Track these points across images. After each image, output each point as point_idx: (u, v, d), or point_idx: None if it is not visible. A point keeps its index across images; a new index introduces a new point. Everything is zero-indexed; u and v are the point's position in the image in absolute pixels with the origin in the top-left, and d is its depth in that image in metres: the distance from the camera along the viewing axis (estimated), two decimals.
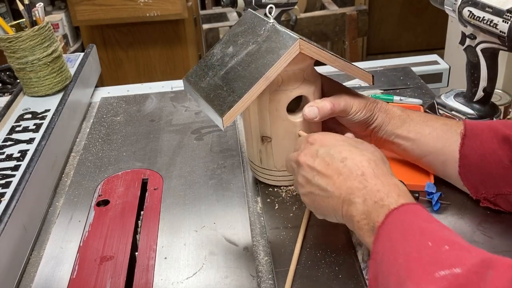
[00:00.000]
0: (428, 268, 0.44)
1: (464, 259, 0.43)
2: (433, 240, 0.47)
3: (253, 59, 0.70)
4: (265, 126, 0.74)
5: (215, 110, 0.68)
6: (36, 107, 0.99)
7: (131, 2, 2.09)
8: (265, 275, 0.66)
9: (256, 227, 0.74)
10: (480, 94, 0.86)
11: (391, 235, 0.50)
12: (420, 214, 0.52)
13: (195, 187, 0.83)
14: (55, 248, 0.72)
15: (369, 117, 0.73)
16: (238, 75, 0.69)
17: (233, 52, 0.73)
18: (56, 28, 2.25)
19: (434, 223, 0.51)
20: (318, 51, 0.69)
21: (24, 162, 0.80)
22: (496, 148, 0.68)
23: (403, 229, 0.50)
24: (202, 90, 0.72)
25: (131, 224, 0.75)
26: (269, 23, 0.72)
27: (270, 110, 0.72)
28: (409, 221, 0.50)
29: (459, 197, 0.76)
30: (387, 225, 0.51)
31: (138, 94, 1.15)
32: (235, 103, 0.66)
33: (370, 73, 0.73)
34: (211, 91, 0.71)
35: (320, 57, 0.70)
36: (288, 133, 0.74)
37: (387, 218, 0.52)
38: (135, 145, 0.96)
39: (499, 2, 0.74)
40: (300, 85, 0.72)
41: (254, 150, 0.79)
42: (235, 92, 0.67)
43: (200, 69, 0.76)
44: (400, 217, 0.51)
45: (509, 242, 0.68)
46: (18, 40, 0.96)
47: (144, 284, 0.65)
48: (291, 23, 1.81)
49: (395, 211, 0.52)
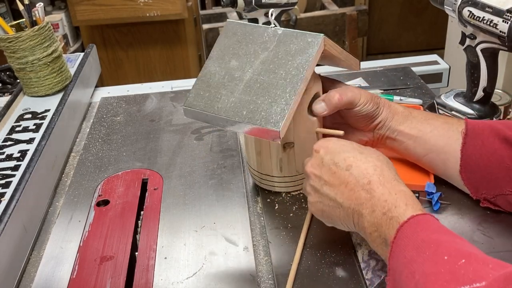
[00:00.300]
0: (447, 284, 0.43)
1: (484, 273, 0.42)
2: (449, 254, 0.46)
3: (277, 65, 0.68)
4: (288, 132, 0.70)
5: (262, 124, 0.65)
6: (36, 107, 0.99)
7: (131, 2, 2.09)
8: (265, 275, 0.66)
9: (256, 227, 0.74)
10: (480, 94, 0.86)
11: (405, 251, 0.50)
12: (431, 225, 0.52)
13: (195, 187, 0.83)
14: (55, 248, 0.72)
15: (375, 110, 0.73)
16: (268, 84, 0.67)
17: (240, 65, 0.71)
18: (56, 28, 2.25)
19: (446, 234, 0.50)
20: (335, 46, 0.71)
21: (24, 162, 0.80)
22: (497, 148, 0.68)
23: (417, 243, 0.49)
24: (224, 110, 0.68)
25: (131, 224, 0.75)
26: (269, 27, 0.72)
27: (295, 115, 0.69)
28: (421, 234, 0.50)
29: (459, 197, 0.76)
30: (399, 240, 0.51)
31: (138, 94, 1.15)
32: (286, 111, 0.64)
33: (357, 60, 0.77)
34: (241, 108, 0.67)
35: (335, 52, 0.71)
36: (309, 133, 0.73)
37: (399, 232, 0.51)
38: (135, 145, 0.96)
39: (499, 2, 0.74)
40: (314, 83, 0.71)
41: (273, 161, 0.75)
42: (278, 101, 0.66)
43: (204, 91, 0.72)
44: (412, 230, 0.51)
45: (509, 242, 0.68)
46: (18, 40, 0.96)
47: (144, 284, 0.65)
48: (291, 23, 1.81)
49: (405, 225, 0.51)
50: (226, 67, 0.72)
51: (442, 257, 0.45)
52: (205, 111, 0.70)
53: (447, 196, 0.76)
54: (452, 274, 0.44)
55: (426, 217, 0.52)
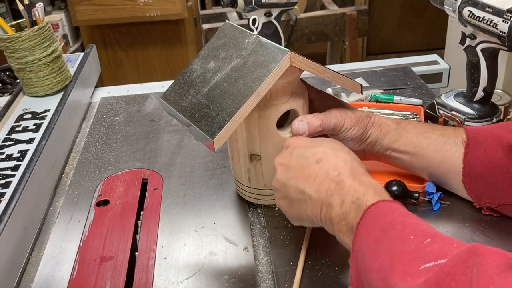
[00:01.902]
0: (412, 261, 0.44)
1: (449, 251, 0.43)
2: (415, 234, 0.46)
3: (240, 74, 0.66)
4: (254, 144, 0.70)
5: (204, 131, 0.63)
6: (36, 107, 0.99)
7: (131, 2, 2.09)
8: (265, 275, 0.66)
9: (256, 227, 0.74)
10: (480, 94, 0.86)
11: (370, 231, 0.50)
12: (398, 210, 0.52)
13: (195, 187, 0.83)
14: (55, 248, 0.72)
15: (362, 134, 0.71)
16: (225, 92, 0.65)
17: (215, 68, 0.69)
18: (56, 28, 2.25)
19: (413, 218, 0.51)
20: (308, 63, 0.66)
21: (24, 162, 0.80)
22: (501, 157, 0.67)
23: (383, 224, 0.50)
24: (185, 110, 0.68)
25: (131, 224, 0.75)
26: (252, 35, 0.69)
27: (260, 127, 0.68)
28: (388, 216, 0.50)
29: (459, 197, 0.76)
30: (365, 221, 0.51)
31: (138, 94, 1.15)
32: (226, 122, 0.62)
33: (359, 83, 0.70)
34: (196, 110, 0.66)
35: (310, 69, 0.67)
36: (278, 149, 0.67)
37: (365, 214, 0.51)
38: (135, 145, 0.96)
39: (499, 2, 0.74)
40: (289, 99, 0.68)
41: (242, 169, 0.74)
42: (224, 111, 0.63)
43: (179, 87, 0.71)
44: (379, 213, 0.51)
45: (509, 242, 0.68)
46: (18, 40, 0.96)
47: (144, 284, 0.65)
48: (291, 23, 1.81)
49: (372, 207, 0.52)
50: (204, 68, 0.71)
51: (408, 237, 0.46)
52: (172, 107, 0.70)
53: (447, 196, 0.76)
54: (417, 252, 0.45)
55: (394, 203, 0.53)
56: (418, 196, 0.74)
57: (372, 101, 1.03)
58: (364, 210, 0.52)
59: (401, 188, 0.73)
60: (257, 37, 0.69)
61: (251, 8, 0.95)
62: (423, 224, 0.49)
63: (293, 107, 0.69)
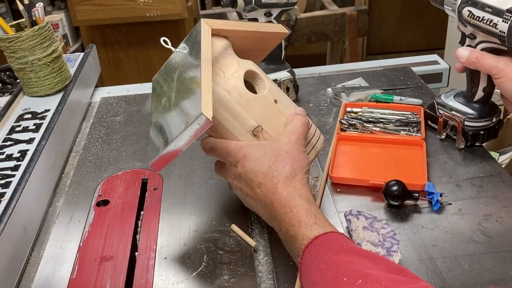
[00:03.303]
0: None
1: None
2: (347, 276, 0.50)
3: (184, 70, 0.68)
4: (246, 119, 0.67)
5: (189, 124, 0.61)
6: (36, 107, 0.99)
7: (131, 2, 2.08)
8: (265, 275, 0.66)
9: (256, 227, 0.74)
10: (480, 94, 0.86)
11: (310, 272, 0.53)
12: (334, 245, 0.54)
13: (195, 187, 0.83)
14: (55, 248, 0.72)
15: None
16: (184, 89, 0.67)
17: (168, 97, 0.70)
18: (56, 28, 2.25)
19: (349, 254, 0.53)
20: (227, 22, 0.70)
21: (24, 162, 0.80)
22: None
23: (320, 266, 0.53)
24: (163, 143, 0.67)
25: (131, 224, 0.75)
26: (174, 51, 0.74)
27: (237, 100, 0.66)
28: (324, 257, 0.53)
29: (459, 197, 0.76)
30: (305, 261, 0.54)
31: (138, 94, 1.15)
32: (198, 94, 0.61)
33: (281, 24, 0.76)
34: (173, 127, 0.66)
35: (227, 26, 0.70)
36: (268, 107, 0.68)
37: (304, 254, 0.55)
38: (135, 145, 0.96)
39: (499, 2, 0.74)
40: (239, 65, 0.69)
41: None
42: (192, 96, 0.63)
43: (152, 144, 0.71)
44: (316, 252, 0.54)
45: (509, 242, 0.68)
46: (18, 40, 0.96)
47: (144, 284, 0.65)
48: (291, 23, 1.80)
49: (310, 245, 0.55)
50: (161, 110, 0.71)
51: (342, 279, 0.50)
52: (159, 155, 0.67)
53: (447, 196, 0.76)
54: None
55: (329, 235, 0.55)
56: (418, 196, 0.74)
57: (372, 101, 1.03)
58: (303, 249, 0.55)
59: (401, 188, 0.73)
60: (181, 47, 0.73)
61: (251, 8, 0.95)
62: (356, 261, 0.52)
63: (247, 68, 0.69)
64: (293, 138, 0.65)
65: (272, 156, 0.63)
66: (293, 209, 0.58)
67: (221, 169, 0.71)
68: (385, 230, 0.66)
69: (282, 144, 0.64)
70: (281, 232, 0.60)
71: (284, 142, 0.64)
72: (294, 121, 0.67)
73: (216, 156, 0.69)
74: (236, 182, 0.66)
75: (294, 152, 0.63)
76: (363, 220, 0.68)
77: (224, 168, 0.70)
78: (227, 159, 0.67)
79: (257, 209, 0.64)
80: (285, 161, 0.62)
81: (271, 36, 0.76)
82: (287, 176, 0.61)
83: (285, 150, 0.63)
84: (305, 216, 0.57)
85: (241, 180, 0.64)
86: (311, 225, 0.56)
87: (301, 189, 0.60)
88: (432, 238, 0.69)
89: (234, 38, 0.71)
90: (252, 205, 0.65)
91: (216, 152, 0.68)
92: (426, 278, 0.63)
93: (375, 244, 0.64)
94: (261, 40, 0.76)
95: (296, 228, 0.57)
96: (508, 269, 0.63)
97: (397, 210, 0.75)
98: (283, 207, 0.59)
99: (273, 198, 0.60)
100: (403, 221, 0.73)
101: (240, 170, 0.64)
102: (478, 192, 0.77)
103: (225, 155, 0.67)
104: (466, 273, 0.63)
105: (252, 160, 0.64)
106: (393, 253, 0.63)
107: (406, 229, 0.71)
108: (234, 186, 0.68)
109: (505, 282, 0.62)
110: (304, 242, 0.55)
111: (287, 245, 0.60)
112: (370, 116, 0.94)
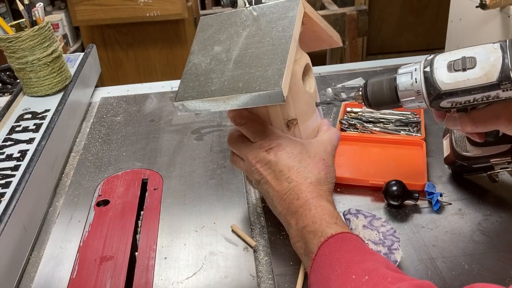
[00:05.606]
0: None
1: (382, 287, 0.48)
2: (356, 273, 0.51)
3: (262, 35, 0.66)
4: (288, 108, 0.66)
5: (262, 89, 0.60)
6: (36, 107, 0.99)
7: (131, 2, 2.09)
8: (265, 275, 0.66)
9: (256, 227, 0.74)
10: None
11: (322, 269, 0.54)
12: (349, 244, 0.55)
13: (195, 187, 0.83)
14: (55, 248, 0.72)
15: None
16: (257, 55, 0.64)
17: (224, 48, 0.69)
18: (56, 28, 2.25)
19: (360, 254, 0.54)
20: (314, 12, 0.69)
21: (24, 162, 0.80)
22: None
23: (332, 262, 0.54)
24: (219, 91, 0.64)
25: (131, 224, 0.75)
26: (244, 9, 0.70)
27: (290, 87, 0.64)
28: (336, 254, 0.54)
29: (459, 197, 0.76)
30: (319, 258, 0.55)
31: (138, 94, 1.15)
32: (283, 69, 0.60)
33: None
34: (235, 82, 0.63)
35: (313, 16, 0.69)
36: (309, 106, 0.69)
37: (319, 250, 0.55)
38: (135, 145, 0.96)
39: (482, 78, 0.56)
40: (302, 55, 0.69)
41: None
42: (273, 64, 0.62)
43: (193, 82, 0.68)
44: (330, 249, 0.55)
45: (509, 242, 0.68)
46: (18, 40, 0.96)
47: (144, 284, 0.65)
48: None
49: (325, 243, 0.55)
50: (211, 55, 0.69)
51: (350, 276, 0.51)
52: (199, 98, 0.66)
53: (447, 196, 0.76)
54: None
55: (345, 235, 0.56)
56: (418, 196, 0.74)
57: None
58: (318, 246, 0.55)
59: (401, 188, 0.73)
60: (251, 8, 0.70)
61: None
62: (368, 261, 0.53)
63: (307, 61, 0.70)
64: (329, 148, 0.66)
65: (308, 158, 0.64)
66: (318, 208, 0.59)
67: (240, 143, 0.68)
68: (385, 228, 0.66)
69: (320, 150, 0.65)
70: (295, 227, 0.60)
71: (322, 149, 0.65)
72: (331, 132, 0.68)
73: (246, 131, 0.67)
74: (259, 166, 0.64)
75: (329, 162, 0.65)
76: (362, 219, 0.68)
77: (246, 145, 0.67)
78: (258, 140, 0.66)
79: (272, 198, 0.63)
80: (321, 168, 0.63)
81: (326, 40, 0.75)
82: (320, 181, 0.62)
83: (322, 157, 0.64)
84: (328, 215, 0.58)
85: (268, 167, 0.63)
86: (331, 224, 0.57)
87: (328, 196, 0.62)
88: (432, 238, 0.69)
89: (306, 27, 0.70)
90: (266, 192, 0.64)
91: (248, 129, 0.67)
92: (426, 278, 0.63)
93: (376, 243, 0.64)
94: (316, 39, 0.76)
95: (317, 225, 0.57)
96: (508, 269, 0.64)
97: (397, 210, 0.75)
98: (308, 204, 0.59)
99: (301, 195, 0.60)
100: (403, 221, 0.73)
101: (271, 158, 0.63)
102: (478, 192, 0.77)
103: (258, 135, 0.66)
104: (466, 273, 0.63)
105: (288, 152, 0.64)
106: (395, 251, 0.63)
107: (406, 229, 0.71)
108: (252, 168, 0.65)
109: (505, 282, 0.62)
110: (321, 239, 0.56)
111: (298, 241, 0.59)
112: (370, 116, 0.94)
